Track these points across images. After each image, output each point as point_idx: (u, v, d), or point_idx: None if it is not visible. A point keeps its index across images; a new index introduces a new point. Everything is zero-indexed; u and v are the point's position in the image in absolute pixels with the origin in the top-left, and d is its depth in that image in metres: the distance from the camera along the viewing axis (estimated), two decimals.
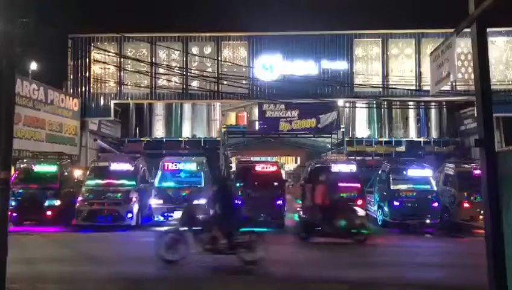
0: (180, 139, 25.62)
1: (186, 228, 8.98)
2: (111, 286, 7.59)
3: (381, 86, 21.32)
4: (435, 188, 15.38)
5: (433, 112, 26.99)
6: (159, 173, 15.62)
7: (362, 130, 27.90)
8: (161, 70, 21.10)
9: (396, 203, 14.89)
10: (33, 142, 17.60)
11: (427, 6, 28.09)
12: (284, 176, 19.85)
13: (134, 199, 14.39)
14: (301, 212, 14.51)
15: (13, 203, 13.10)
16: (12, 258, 5.99)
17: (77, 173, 16.73)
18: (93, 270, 8.56)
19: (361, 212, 13.88)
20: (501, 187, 4.76)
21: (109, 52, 21.02)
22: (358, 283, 7.91)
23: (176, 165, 15.78)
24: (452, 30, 5.51)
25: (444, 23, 16.89)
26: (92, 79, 21.64)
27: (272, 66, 21.24)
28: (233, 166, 27.46)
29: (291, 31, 21.89)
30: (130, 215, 14.11)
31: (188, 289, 7.65)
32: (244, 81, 20.60)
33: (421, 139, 26.01)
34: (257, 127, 25.41)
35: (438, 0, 26.07)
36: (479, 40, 4.91)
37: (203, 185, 15.24)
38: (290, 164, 39.69)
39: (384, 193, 15.57)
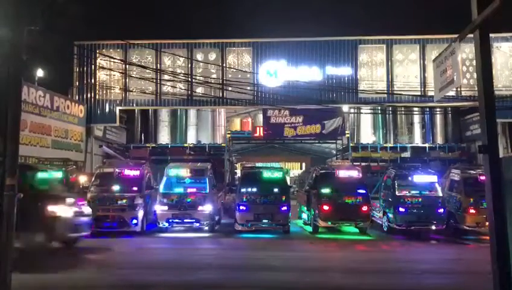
0: (185, 145, 25.66)
1: None
2: None
3: (386, 91, 21.28)
4: (441, 194, 15.30)
5: (438, 118, 26.87)
6: (164, 179, 15.64)
7: (367, 135, 27.86)
8: (166, 77, 21.19)
9: (401, 209, 14.82)
10: (39, 149, 17.69)
11: (431, 12, 28.10)
12: (288, 182, 19.83)
13: (139, 205, 14.40)
14: None
15: None
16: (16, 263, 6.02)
17: (83, 179, 16.79)
18: (97, 277, 8.57)
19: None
20: (505, 193, 4.75)
21: (114, 58, 21.16)
22: None
23: (180, 171, 15.81)
24: (456, 35, 5.51)
25: (448, 28, 16.90)
26: (97, 85, 21.78)
27: (277, 72, 21.29)
28: (238, 172, 27.49)
29: (296, 37, 21.94)
30: (135, 221, 14.11)
31: None
32: (248, 87, 20.65)
33: (426, 145, 25.89)
34: (262, 133, 25.43)
35: (443, 6, 26.08)
36: (482, 46, 4.90)
37: (208, 191, 15.26)
38: (294, 169, 39.67)
39: (390, 199, 15.51)
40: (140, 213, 14.39)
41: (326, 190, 15.47)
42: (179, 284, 8.08)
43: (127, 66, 21.22)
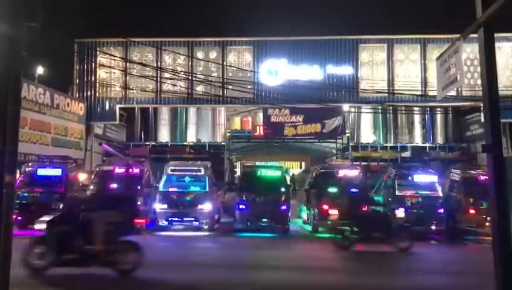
0: (185, 143, 25.64)
1: None
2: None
3: (386, 91, 21.26)
4: (441, 194, 15.25)
5: (438, 118, 26.87)
6: (164, 178, 15.59)
7: (367, 135, 27.82)
8: (166, 75, 21.18)
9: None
10: (39, 146, 17.68)
11: (432, 12, 28.05)
12: (288, 181, 19.79)
13: (139, 204, 14.34)
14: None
15: (18, 206, 13.09)
16: (14, 262, 5.98)
17: (82, 177, 16.74)
18: (96, 275, 8.53)
19: None
20: (508, 193, 4.72)
21: (115, 56, 21.12)
22: None
23: (180, 169, 15.76)
24: (458, 35, 5.47)
25: (449, 28, 16.85)
26: (97, 83, 21.75)
27: (277, 71, 21.26)
28: (238, 171, 27.46)
29: (296, 36, 21.91)
30: None
31: None
32: (249, 86, 20.61)
33: (427, 144, 25.89)
34: (262, 132, 25.40)
35: (444, 5, 26.03)
36: (486, 45, 4.86)
37: (207, 190, 15.22)
38: (294, 168, 39.60)
39: (389, 199, 15.46)
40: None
41: (326, 189, 15.43)
42: (178, 282, 8.04)
43: (128, 64, 21.19)
